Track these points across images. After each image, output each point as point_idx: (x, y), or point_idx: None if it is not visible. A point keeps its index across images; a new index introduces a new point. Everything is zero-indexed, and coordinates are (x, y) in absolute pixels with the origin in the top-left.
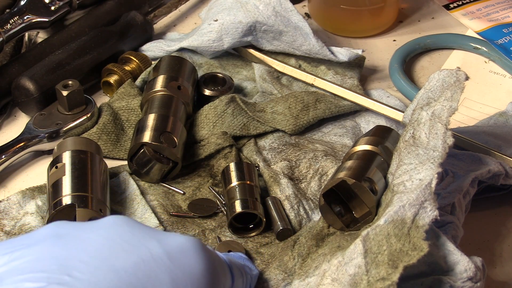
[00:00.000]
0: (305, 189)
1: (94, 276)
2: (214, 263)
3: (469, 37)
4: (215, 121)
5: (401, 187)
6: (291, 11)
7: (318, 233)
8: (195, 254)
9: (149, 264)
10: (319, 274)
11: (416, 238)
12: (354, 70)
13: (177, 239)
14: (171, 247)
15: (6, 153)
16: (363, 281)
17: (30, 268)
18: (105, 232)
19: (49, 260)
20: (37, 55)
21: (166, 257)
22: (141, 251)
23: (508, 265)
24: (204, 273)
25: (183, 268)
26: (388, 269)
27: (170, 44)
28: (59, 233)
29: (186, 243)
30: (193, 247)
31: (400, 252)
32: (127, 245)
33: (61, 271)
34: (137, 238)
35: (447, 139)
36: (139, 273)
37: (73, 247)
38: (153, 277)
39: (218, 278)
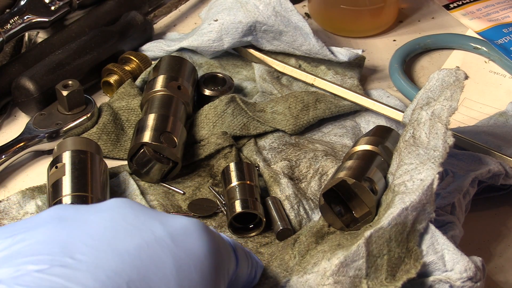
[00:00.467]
0: (305, 189)
1: (97, 258)
2: (217, 245)
3: (469, 37)
4: (215, 121)
5: (402, 187)
6: (291, 11)
7: (318, 231)
8: (198, 236)
9: (152, 246)
10: (318, 272)
11: (412, 243)
12: (354, 70)
13: (180, 221)
14: (174, 229)
15: (6, 153)
16: (362, 284)
17: (32, 251)
18: (108, 215)
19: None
20: (37, 55)
21: (169, 239)
22: (144, 234)
23: (508, 265)
24: (207, 254)
25: (186, 250)
26: (386, 276)
27: (170, 44)
28: (62, 216)
29: (189, 225)
30: (196, 228)
31: (398, 258)
32: (130, 227)
33: (64, 253)
34: (140, 220)
35: (447, 138)
36: (142, 255)
37: (76, 229)
38: (156, 259)
39: (222, 260)
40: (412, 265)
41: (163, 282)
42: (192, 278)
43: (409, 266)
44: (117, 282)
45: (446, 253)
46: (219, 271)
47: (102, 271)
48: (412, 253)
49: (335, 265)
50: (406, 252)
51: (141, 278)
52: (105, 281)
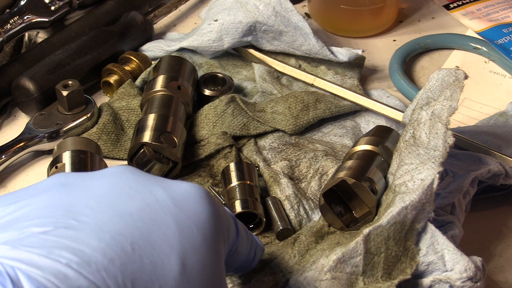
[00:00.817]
0: (305, 189)
1: (100, 220)
2: (218, 210)
3: (469, 37)
4: (215, 121)
5: (403, 188)
6: (291, 11)
7: (318, 231)
8: (199, 200)
9: (155, 208)
10: (316, 269)
11: (409, 242)
12: (354, 70)
13: (182, 186)
14: (176, 193)
15: (6, 153)
16: (359, 281)
17: (36, 215)
18: (111, 180)
19: (55, 207)
20: (37, 55)
21: (171, 202)
22: (147, 197)
23: (508, 265)
24: (208, 217)
25: (188, 212)
26: (382, 274)
27: (170, 44)
28: (65, 182)
29: (191, 189)
30: (197, 193)
31: (395, 257)
32: (132, 191)
33: (68, 216)
34: (142, 185)
35: (447, 138)
36: (145, 217)
37: (79, 194)
38: (159, 220)
39: (222, 224)
40: (407, 264)
41: (165, 242)
42: (194, 239)
43: (405, 265)
44: (121, 242)
45: (446, 253)
46: (220, 235)
47: (106, 232)
48: (408, 252)
49: (332, 260)
50: (403, 251)
51: (144, 239)
52: (109, 241)
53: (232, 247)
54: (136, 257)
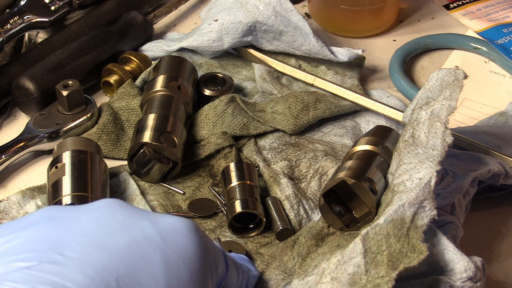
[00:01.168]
0: (305, 189)
1: (86, 254)
2: (207, 245)
3: (469, 37)
4: (215, 121)
5: (401, 187)
6: (291, 11)
7: (318, 233)
8: (187, 235)
9: (141, 243)
10: (318, 273)
11: (415, 239)
12: (354, 70)
13: (169, 220)
14: (164, 228)
15: (6, 153)
16: (362, 280)
17: (22, 249)
18: (98, 214)
19: (41, 241)
20: (37, 55)
21: (158, 237)
22: (134, 231)
23: (507, 265)
24: (197, 252)
25: (175, 248)
26: (388, 270)
27: (170, 44)
28: (52, 215)
29: (179, 223)
30: (185, 228)
31: (400, 253)
32: (120, 225)
33: (53, 250)
34: (129, 219)
35: (446, 137)
36: (131, 252)
37: (66, 228)
38: (145, 256)
39: (210, 259)
40: (415, 258)
41: (151, 278)
42: (181, 275)
43: (411, 260)
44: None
45: (446, 253)
46: (207, 270)
47: (91, 267)
48: (416, 249)
49: (333, 263)
50: (409, 248)
51: (129, 274)
52: (93, 276)
53: (222, 282)
54: None
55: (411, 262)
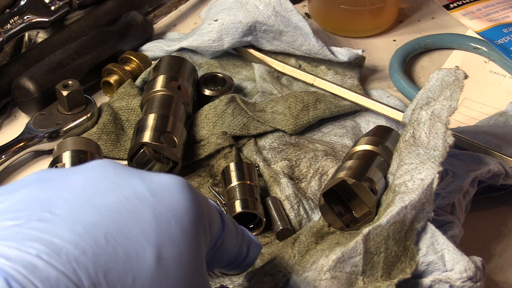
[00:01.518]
0: (305, 189)
1: (75, 212)
2: (199, 202)
3: (469, 37)
4: (215, 121)
5: (403, 187)
6: (291, 11)
7: (318, 231)
8: (179, 191)
9: (132, 201)
10: (316, 269)
11: (409, 241)
12: (354, 70)
13: (161, 178)
14: (155, 185)
15: (6, 153)
16: (358, 280)
17: (11, 209)
18: (89, 173)
19: (31, 201)
20: (37, 55)
21: (149, 194)
22: (124, 189)
23: (508, 265)
24: (188, 209)
25: (167, 205)
26: (382, 273)
27: (170, 44)
28: (44, 177)
29: (171, 181)
30: (177, 185)
31: (395, 256)
32: (111, 184)
33: (42, 209)
34: (121, 178)
35: (447, 138)
36: (121, 209)
37: (56, 188)
38: (136, 213)
39: (203, 216)
40: (407, 264)
41: (141, 234)
42: (171, 231)
43: (405, 265)
44: (94, 234)
45: (446, 253)
46: (200, 227)
47: (79, 224)
48: (408, 252)
49: (332, 260)
50: (402, 250)
51: (119, 230)
52: (82, 233)
53: (217, 241)
54: (110, 249)
55: (404, 269)
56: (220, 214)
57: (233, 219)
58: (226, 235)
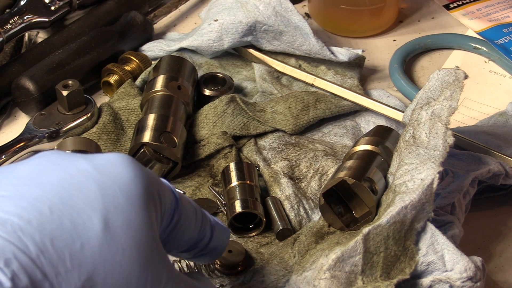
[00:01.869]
0: (305, 189)
1: (19, 191)
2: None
3: (469, 37)
4: (215, 121)
5: (403, 188)
6: (291, 11)
7: (318, 231)
8: (123, 165)
9: (76, 176)
10: (316, 268)
11: (408, 241)
12: (354, 70)
13: (105, 156)
14: (99, 162)
15: (6, 153)
16: (358, 280)
17: None
18: (36, 161)
19: None
20: (37, 55)
21: (93, 170)
22: (68, 168)
23: (508, 265)
24: (132, 179)
25: (111, 177)
26: (381, 273)
27: (170, 44)
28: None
29: (114, 157)
30: (121, 159)
31: (394, 256)
32: (55, 166)
33: None
34: (65, 159)
35: (447, 138)
36: (66, 184)
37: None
38: (80, 186)
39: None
40: (407, 264)
41: (86, 204)
42: (117, 199)
43: (404, 265)
44: (39, 206)
45: (446, 253)
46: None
47: (23, 199)
48: (408, 252)
49: (332, 259)
50: (402, 250)
51: (63, 202)
52: (26, 206)
53: (172, 217)
54: (55, 218)
55: (404, 269)
56: (173, 192)
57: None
58: (182, 213)
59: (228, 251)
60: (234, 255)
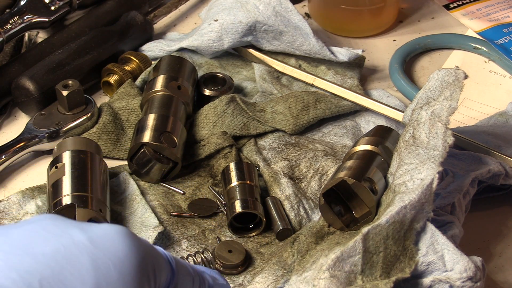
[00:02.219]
0: (305, 189)
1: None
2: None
3: (469, 37)
4: (215, 121)
5: (402, 187)
6: (291, 11)
7: (318, 231)
8: (119, 239)
9: (70, 248)
10: (315, 268)
11: (408, 241)
12: (354, 70)
13: (101, 227)
14: (94, 233)
15: (6, 153)
16: (357, 279)
17: None
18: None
19: None
20: (37, 55)
21: (88, 242)
22: (63, 238)
23: (508, 265)
24: (127, 255)
25: (105, 251)
26: (381, 273)
27: (170, 44)
28: None
29: (111, 229)
30: (117, 232)
31: (394, 256)
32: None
33: None
34: (59, 228)
35: (447, 138)
36: (58, 256)
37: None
38: (73, 259)
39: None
40: (406, 264)
41: (78, 279)
42: (110, 275)
43: (404, 265)
44: (29, 280)
45: (446, 253)
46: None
47: (14, 271)
48: (407, 251)
49: (331, 259)
50: (402, 250)
51: (54, 276)
52: (16, 279)
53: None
54: None
55: (403, 269)
56: (170, 262)
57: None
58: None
59: (228, 251)
60: (234, 255)
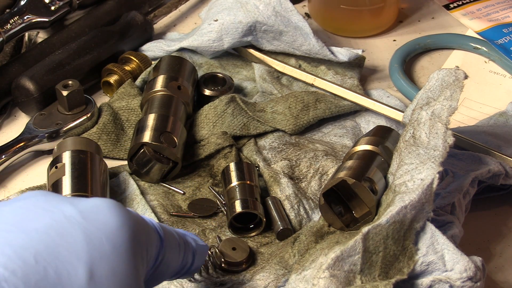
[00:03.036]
0: (305, 189)
1: (4, 237)
2: (131, 220)
3: (469, 37)
4: (215, 121)
5: (403, 188)
6: (291, 11)
7: (318, 231)
8: (109, 211)
9: (62, 223)
10: (315, 267)
11: (407, 241)
12: (354, 70)
13: (91, 201)
14: (85, 207)
15: (6, 153)
16: (356, 279)
17: None
18: (21, 203)
19: None
20: (37, 55)
21: (79, 216)
22: (54, 214)
23: (508, 265)
24: (119, 227)
25: (97, 224)
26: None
27: (170, 44)
28: None
29: (101, 202)
30: (107, 205)
31: (393, 256)
32: (40, 210)
33: None
34: (51, 204)
35: (447, 138)
36: (51, 232)
37: None
38: (65, 233)
39: (137, 233)
40: (405, 263)
41: (72, 253)
42: (102, 248)
43: (402, 265)
44: (23, 255)
45: (446, 253)
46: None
47: (8, 247)
48: (406, 251)
49: (331, 258)
50: (401, 250)
51: (49, 251)
52: (11, 255)
53: (157, 256)
54: (40, 268)
55: (402, 269)
56: (158, 231)
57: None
58: (167, 250)
59: (232, 249)
60: (238, 253)
